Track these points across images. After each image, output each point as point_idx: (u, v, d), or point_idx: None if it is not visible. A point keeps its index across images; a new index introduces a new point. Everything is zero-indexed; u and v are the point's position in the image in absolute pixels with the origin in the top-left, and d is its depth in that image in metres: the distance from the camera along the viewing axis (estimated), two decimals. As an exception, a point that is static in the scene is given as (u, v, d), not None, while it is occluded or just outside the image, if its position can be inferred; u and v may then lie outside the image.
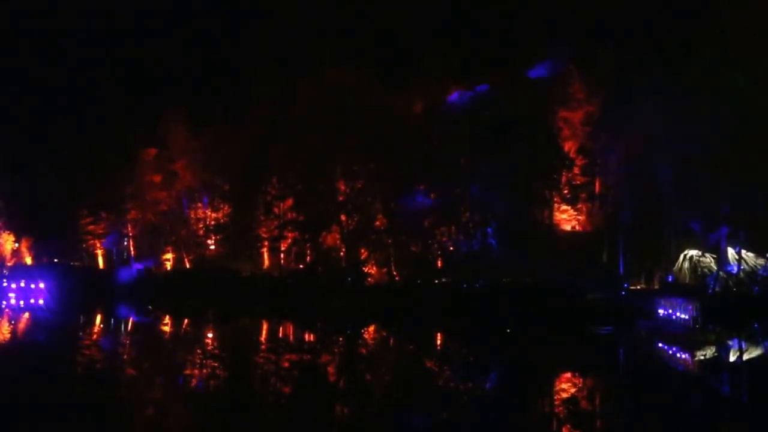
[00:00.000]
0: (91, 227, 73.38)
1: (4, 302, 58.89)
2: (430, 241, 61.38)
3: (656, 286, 52.32)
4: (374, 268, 62.10)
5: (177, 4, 73.82)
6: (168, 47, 71.38)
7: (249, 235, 68.04)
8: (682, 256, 53.84)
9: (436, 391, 24.21)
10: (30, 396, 22.38)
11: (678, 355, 33.69)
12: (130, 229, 73.52)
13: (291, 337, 41.75)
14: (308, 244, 66.40)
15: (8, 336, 38.93)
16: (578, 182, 59.33)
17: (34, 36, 73.04)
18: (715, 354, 33.64)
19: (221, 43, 71.60)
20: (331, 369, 29.06)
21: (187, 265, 70.72)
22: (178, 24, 72.17)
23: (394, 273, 61.47)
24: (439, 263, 60.97)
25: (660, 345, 36.45)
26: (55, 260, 75.64)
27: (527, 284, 53.34)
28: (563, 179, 59.58)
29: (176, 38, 71.64)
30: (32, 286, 65.53)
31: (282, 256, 67.72)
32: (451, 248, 60.87)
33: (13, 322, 46.30)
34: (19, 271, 70.83)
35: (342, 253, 63.92)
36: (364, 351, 35.20)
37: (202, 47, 71.74)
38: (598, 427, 20.19)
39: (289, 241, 66.93)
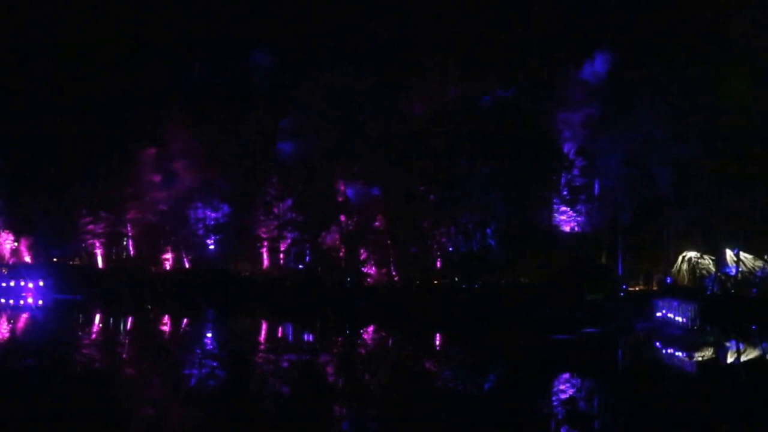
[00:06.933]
0: (91, 227, 73.31)
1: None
2: (429, 242, 61.44)
3: (655, 288, 52.40)
4: (374, 268, 62.15)
5: (177, 4, 73.68)
6: (168, 46, 71.12)
7: (248, 236, 68.01)
8: (680, 257, 53.94)
9: (434, 392, 24.31)
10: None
11: (676, 356, 33.82)
12: (130, 229, 73.49)
13: (290, 338, 41.85)
14: (308, 245, 66.43)
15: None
16: (577, 183, 59.37)
17: (34, 36, 72.84)
18: (713, 355, 33.76)
19: (221, 42, 71.31)
20: (329, 369, 29.15)
21: (187, 265, 70.72)
22: (178, 23, 72.00)
23: (394, 274, 61.54)
24: (439, 264, 61.07)
25: (658, 346, 36.57)
26: (54, 260, 75.62)
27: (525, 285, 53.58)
28: (562, 180, 59.65)
29: (176, 37, 71.42)
30: (30, 285, 65.60)
31: (281, 256, 67.74)
32: (451, 249, 60.94)
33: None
34: (18, 270, 70.83)
35: (341, 254, 63.97)
36: (362, 351, 35.31)
37: (203, 47, 71.49)
38: (596, 428, 20.30)
39: (289, 241, 66.96)
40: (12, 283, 65.73)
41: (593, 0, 57.71)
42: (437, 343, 40.01)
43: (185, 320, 50.17)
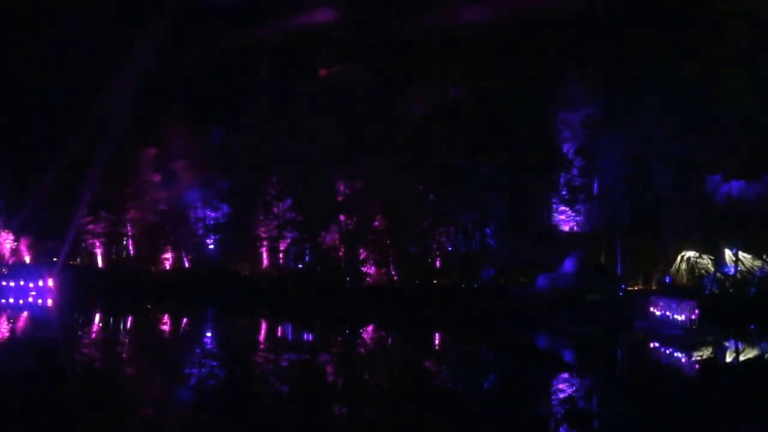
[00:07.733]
0: (91, 227, 73.38)
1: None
2: (429, 242, 61.52)
3: (653, 287, 52.48)
4: (373, 268, 62.24)
5: (176, 4, 73.76)
6: (168, 46, 71.23)
7: (248, 235, 68.09)
8: (679, 257, 54.01)
9: (434, 392, 24.39)
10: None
11: (674, 355, 33.89)
12: (130, 229, 73.61)
13: (289, 337, 41.92)
14: (307, 245, 66.54)
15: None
16: (577, 183, 59.42)
17: (34, 35, 72.98)
18: (712, 355, 33.84)
19: (221, 42, 71.43)
20: (329, 369, 29.23)
21: (187, 265, 70.86)
22: (178, 23, 72.09)
23: (393, 274, 61.63)
24: (438, 264, 61.19)
25: (656, 345, 36.64)
26: (54, 259, 75.70)
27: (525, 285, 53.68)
28: (562, 180, 59.70)
29: (176, 37, 71.51)
30: (31, 284, 65.68)
31: (281, 256, 67.83)
32: (450, 249, 61.03)
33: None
34: (18, 270, 70.91)
35: (341, 254, 64.06)
36: (362, 351, 35.39)
37: (203, 46, 71.63)
38: (595, 427, 20.37)
39: (288, 241, 67.04)
40: (12, 283, 65.82)
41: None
42: (437, 342, 40.08)
43: (185, 320, 50.23)
